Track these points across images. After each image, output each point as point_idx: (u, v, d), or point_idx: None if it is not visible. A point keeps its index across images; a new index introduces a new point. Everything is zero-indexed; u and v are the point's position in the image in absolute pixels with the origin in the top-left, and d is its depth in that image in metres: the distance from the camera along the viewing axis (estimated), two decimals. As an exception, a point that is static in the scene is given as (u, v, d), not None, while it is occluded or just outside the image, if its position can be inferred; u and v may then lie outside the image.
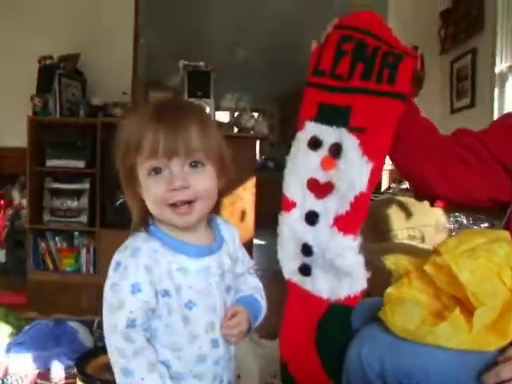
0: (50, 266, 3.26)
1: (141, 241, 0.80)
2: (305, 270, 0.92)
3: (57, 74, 3.23)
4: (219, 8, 4.63)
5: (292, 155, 0.91)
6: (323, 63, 0.88)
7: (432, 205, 2.39)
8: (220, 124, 3.82)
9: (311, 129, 0.88)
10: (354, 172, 0.83)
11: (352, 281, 0.89)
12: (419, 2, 3.87)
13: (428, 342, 0.76)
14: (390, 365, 0.78)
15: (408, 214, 2.31)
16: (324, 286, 0.91)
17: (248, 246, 3.69)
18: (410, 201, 2.41)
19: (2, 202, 3.28)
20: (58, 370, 1.75)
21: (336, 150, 0.85)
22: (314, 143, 0.87)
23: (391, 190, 3.18)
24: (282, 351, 0.99)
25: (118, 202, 3.28)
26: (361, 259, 0.88)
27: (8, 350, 1.81)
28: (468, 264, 0.77)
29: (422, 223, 2.26)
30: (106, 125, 3.25)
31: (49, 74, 3.24)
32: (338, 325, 0.92)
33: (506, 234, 0.82)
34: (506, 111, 2.99)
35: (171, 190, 0.75)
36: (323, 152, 0.87)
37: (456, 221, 2.04)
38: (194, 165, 0.76)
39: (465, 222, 2.05)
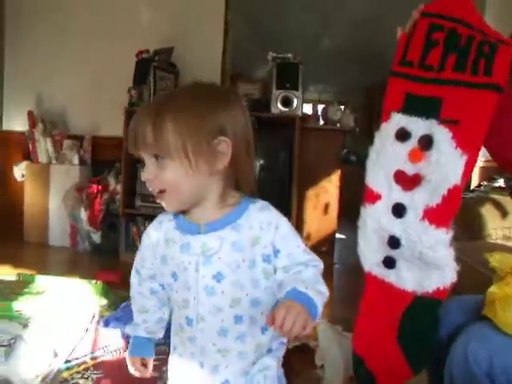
0: (140, 248, 3.44)
1: (164, 214, 0.91)
2: (389, 263, 0.91)
3: (152, 66, 3.38)
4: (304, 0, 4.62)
5: (377, 147, 0.89)
6: (411, 53, 0.86)
7: (530, 204, 2.27)
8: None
9: (398, 120, 0.86)
10: (448, 164, 0.81)
11: (442, 273, 0.87)
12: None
13: None
14: (501, 363, 0.76)
15: (504, 213, 2.19)
16: (409, 279, 0.90)
17: (331, 239, 3.69)
18: (505, 200, 2.29)
19: (100, 187, 3.50)
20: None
21: (426, 142, 0.83)
22: (402, 135, 0.85)
23: (482, 188, 3.03)
24: (356, 346, 0.98)
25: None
26: (452, 252, 0.87)
27: (106, 324, 1.95)
28: None
29: (520, 224, 2.14)
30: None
31: (145, 66, 3.40)
32: (426, 317, 0.91)
33: None
34: None
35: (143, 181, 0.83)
36: (411, 144, 0.85)
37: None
38: (156, 158, 0.80)
39: None
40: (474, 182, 3.43)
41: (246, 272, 0.81)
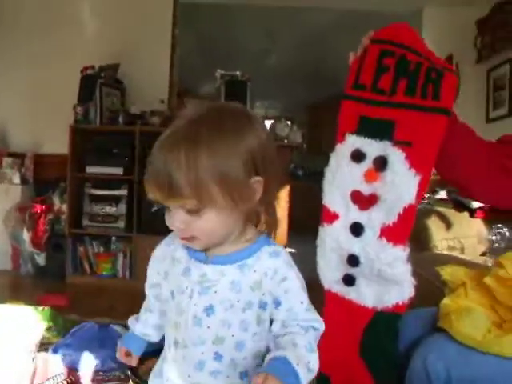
0: (88, 269, 3.34)
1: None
2: (349, 280, 0.93)
3: (98, 83, 3.32)
4: (252, 17, 4.69)
5: (332, 167, 0.91)
6: (363, 77, 0.89)
7: (472, 216, 2.40)
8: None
9: (353, 142, 0.89)
10: (403, 184, 0.84)
11: (401, 289, 0.90)
12: (454, 10, 3.84)
13: (493, 351, 0.77)
14: (457, 373, 0.79)
15: (448, 224, 2.30)
16: (369, 295, 0.92)
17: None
18: (449, 212, 2.40)
19: (44, 206, 3.37)
20: (102, 372, 1.79)
21: (381, 163, 0.86)
22: (357, 156, 0.88)
23: (426, 200, 3.16)
24: (321, 364, 0.99)
25: (154, 209, 3.35)
26: (409, 268, 0.90)
27: (55, 351, 1.86)
28: None
29: (462, 234, 2.25)
30: (143, 133, 3.33)
31: (90, 83, 3.33)
32: (386, 331, 0.93)
33: None
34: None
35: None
36: (367, 165, 0.88)
37: (499, 233, 2.02)
38: (189, 212, 0.74)
39: (507, 234, 2.03)
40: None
41: (238, 313, 0.78)
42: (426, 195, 3.27)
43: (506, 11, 3.39)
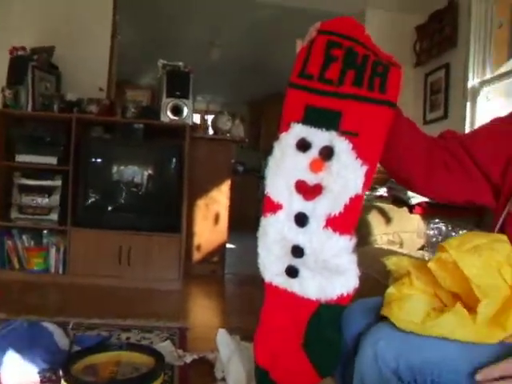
0: (16, 265, 3.14)
1: None
2: (292, 272, 0.91)
3: (30, 66, 3.12)
4: (195, 9, 4.61)
5: (277, 157, 0.89)
6: (311, 66, 0.88)
7: (411, 212, 2.47)
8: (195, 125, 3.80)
9: (299, 131, 0.87)
10: (349, 175, 0.84)
11: (346, 280, 0.89)
12: (396, 15, 3.96)
13: (433, 333, 0.77)
14: (404, 361, 0.79)
15: (387, 219, 2.35)
16: (313, 287, 0.91)
17: (221, 249, 3.68)
18: (389, 207, 2.45)
19: (-33, 196, 3.13)
20: (32, 373, 1.68)
21: (327, 153, 0.85)
22: (303, 145, 0.87)
23: (365, 197, 3.23)
24: (259, 357, 0.96)
25: (90, 201, 3.21)
26: (355, 258, 0.89)
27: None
28: (472, 259, 0.79)
29: (402, 229, 2.31)
30: (80, 121, 3.17)
31: (21, 65, 3.12)
32: (330, 323, 0.92)
33: (505, 236, 0.85)
34: (477, 124, 3.11)
35: None
36: (312, 154, 0.86)
37: (436, 227, 2.09)
38: None
39: (444, 229, 2.10)
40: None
41: None
42: (366, 192, 3.35)
43: (442, 19, 3.53)
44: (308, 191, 0.86)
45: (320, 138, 0.86)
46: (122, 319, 2.36)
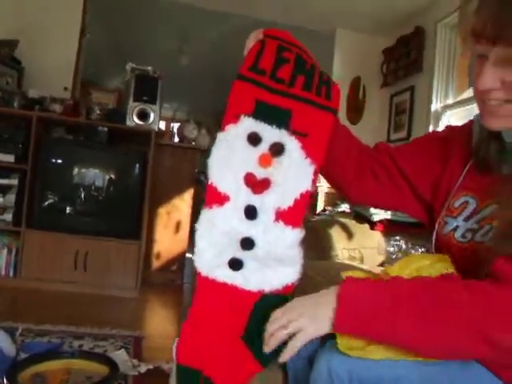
0: (-37, 266, 2.98)
1: None
2: (235, 264, 0.90)
3: (-10, 59, 3.01)
4: (166, 15, 4.58)
5: (223, 147, 0.88)
6: (263, 62, 0.90)
7: (372, 228, 2.51)
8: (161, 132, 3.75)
9: (249, 125, 0.88)
10: (300, 172, 0.87)
11: (294, 270, 0.91)
12: (364, 37, 4.06)
13: (375, 357, 0.78)
14: (357, 378, 0.79)
15: (349, 235, 2.38)
16: (257, 279, 0.91)
17: (181, 258, 3.62)
18: (350, 223, 2.48)
19: None
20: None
21: (277, 149, 0.87)
22: (254, 139, 0.87)
23: (327, 212, 3.27)
24: (186, 357, 0.92)
25: (47, 203, 3.10)
26: (301, 250, 0.91)
27: None
28: None
29: (363, 245, 2.33)
30: (42, 119, 3.07)
31: (-20, 58, 3.01)
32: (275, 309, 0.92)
33: (445, 256, 0.87)
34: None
35: None
36: (262, 149, 0.88)
37: (396, 245, 2.13)
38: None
39: (404, 246, 2.14)
40: (320, 207, 3.69)
41: None
42: (328, 208, 3.38)
43: (409, 44, 3.64)
44: (257, 185, 0.87)
45: (270, 134, 0.88)
46: (75, 326, 2.27)
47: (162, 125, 6.29)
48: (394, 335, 0.75)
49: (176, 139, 3.88)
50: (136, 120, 3.20)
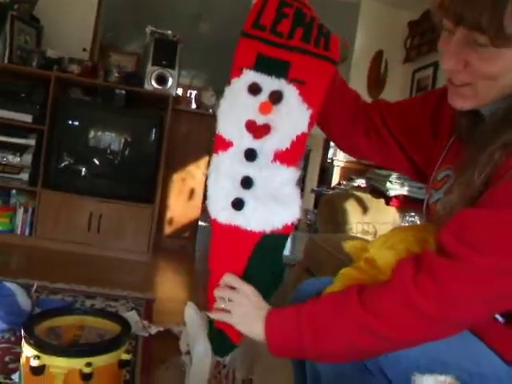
0: (-21, 223, 3.03)
1: None
2: (238, 204, 0.95)
3: (9, 15, 2.98)
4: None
5: (228, 99, 0.95)
6: (264, 19, 0.95)
7: (387, 203, 2.48)
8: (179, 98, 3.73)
9: (251, 76, 0.94)
10: (296, 116, 0.93)
11: (291, 210, 0.95)
12: (390, 9, 3.94)
13: None
14: None
15: (364, 209, 2.36)
16: (258, 219, 0.95)
17: (193, 225, 3.64)
18: (366, 197, 2.46)
19: None
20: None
21: (276, 97, 0.92)
22: (254, 89, 0.93)
23: (342, 186, 3.24)
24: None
25: (63, 164, 3.11)
26: (298, 190, 0.97)
27: None
28: (387, 253, 0.87)
29: (377, 220, 2.32)
30: (60, 80, 3.06)
31: (0, 13, 2.98)
32: (276, 250, 0.99)
33: (432, 225, 0.89)
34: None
35: None
36: (262, 98, 0.93)
37: (411, 221, 2.11)
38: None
39: (418, 222, 2.12)
40: (335, 181, 3.67)
41: None
42: (343, 182, 3.35)
43: (435, 17, 3.53)
44: (257, 130, 0.93)
45: (270, 83, 0.93)
46: (88, 286, 2.31)
47: (180, 91, 6.24)
48: (318, 356, 0.82)
49: (193, 106, 3.85)
50: (154, 84, 3.18)
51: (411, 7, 3.80)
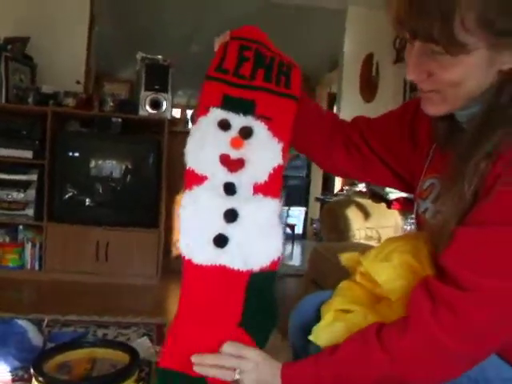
0: (-10, 261, 3.08)
1: None
2: (221, 241, 0.89)
3: (3, 56, 3.05)
4: (175, 2, 4.55)
5: (196, 136, 0.94)
6: (227, 63, 0.99)
7: (389, 207, 2.49)
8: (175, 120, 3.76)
9: (218, 114, 0.95)
10: (269, 149, 0.94)
11: (276, 244, 0.92)
12: (376, 12, 3.97)
13: None
14: None
15: (366, 215, 2.36)
16: (244, 256, 0.90)
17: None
18: (367, 202, 2.47)
19: None
20: (4, 372, 1.64)
21: (246, 132, 0.94)
22: (224, 125, 0.94)
23: (345, 192, 3.25)
24: (176, 362, 0.88)
25: (67, 196, 3.15)
26: (282, 222, 0.96)
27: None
28: (380, 266, 0.87)
29: (380, 224, 2.32)
30: (56, 114, 3.11)
31: (-7, 56, 3.04)
32: (268, 288, 0.93)
33: (423, 234, 0.89)
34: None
35: None
36: (232, 133, 0.94)
37: (413, 223, 2.10)
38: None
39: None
40: (338, 187, 3.67)
41: None
42: (345, 187, 3.36)
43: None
44: (232, 164, 0.93)
45: (238, 120, 0.95)
46: (99, 315, 2.33)
47: (177, 112, 6.30)
48: None
49: (190, 126, 3.89)
50: (149, 109, 3.22)
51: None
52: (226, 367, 0.83)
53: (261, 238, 0.91)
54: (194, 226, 0.90)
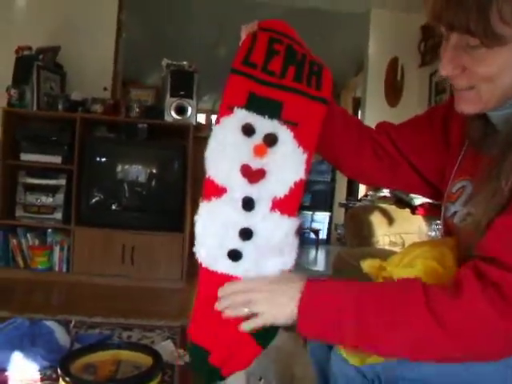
0: (21, 263, 3.16)
1: None
2: (235, 256, 0.89)
3: (35, 65, 3.14)
4: (199, 8, 4.61)
5: (219, 139, 0.89)
6: (255, 56, 0.91)
7: (413, 213, 2.46)
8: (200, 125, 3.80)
9: (243, 116, 0.88)
10: (293, 161, 0.89)
11: (289, 259, 0.91)
12: (401, 15, 3.94)
13: (376, 361, 0.82)
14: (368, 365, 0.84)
15: (390, 220, 2.35)
16: (258, 270, 0.90)
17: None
18: (391, 208, 2.45)
19: (-28, 195, 3.15)
20: (33, 371, 1.69)
21: (271, 139, 0.88)
22: (248, 130, 0.88)
23: (369, 197, 3.23)
24: (200, 338, 0.92)
25: (94, 200, 3.22)
26: (297, 239, 0.93)
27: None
28: (407, 272, 0.84)
29: (404, 230, 2.30)
30: (85, 121, 3.19)
31: (27, 65, 3.15)
32: None
33: (450, 239, 0.88)
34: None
35: None
36: (257, 140, 0.88)
37: (438, 228, 2.09)
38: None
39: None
40: (362, 192, 3.65)
41: None
42: (369, 193, 3.34)
43: (448, 18, 3.50)
44: (252, 175, 0.88)
45: (263, 124, 0.89)
46: (124, 318, 2.37)
47: (202, 117, 6.36)
48: (358, 337, 0.77)
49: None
50: (174, 115, 3.26)
51: (422, 10, 3.78)
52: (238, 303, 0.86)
53: (274, 256, 0.90)
54: (209, 238, 0.90)
